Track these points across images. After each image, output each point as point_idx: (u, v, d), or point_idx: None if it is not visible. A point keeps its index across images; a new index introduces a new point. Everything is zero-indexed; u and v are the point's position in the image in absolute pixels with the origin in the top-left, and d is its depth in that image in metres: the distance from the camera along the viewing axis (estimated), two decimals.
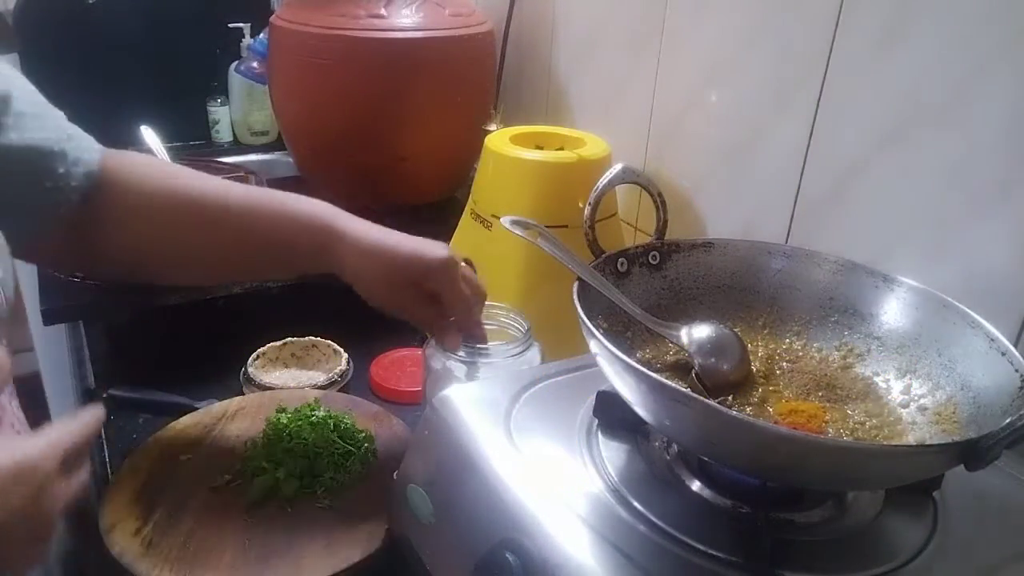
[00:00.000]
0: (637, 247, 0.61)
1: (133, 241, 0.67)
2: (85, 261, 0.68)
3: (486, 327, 0.75)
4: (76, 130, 0.64)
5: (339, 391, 0.88)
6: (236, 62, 1.48)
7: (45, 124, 0.61)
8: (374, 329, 1.01)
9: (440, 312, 0.69)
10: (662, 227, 0.63)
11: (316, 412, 0.76)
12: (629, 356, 0.45)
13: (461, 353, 0.70)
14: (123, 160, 0.67)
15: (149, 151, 1.11)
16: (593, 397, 0.56)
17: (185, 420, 0.79)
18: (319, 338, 0.96)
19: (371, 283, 0.68)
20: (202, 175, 0.70)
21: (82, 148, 0.64)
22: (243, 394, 0.86)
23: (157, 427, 0.79)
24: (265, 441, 0.73)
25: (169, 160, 1.06)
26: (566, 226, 0.81)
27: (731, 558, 0.45)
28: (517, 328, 0.73)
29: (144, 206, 0.66)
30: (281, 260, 0.71)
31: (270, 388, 0.87)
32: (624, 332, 0.59)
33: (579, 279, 0.54)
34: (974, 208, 0.60)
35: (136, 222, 0.66)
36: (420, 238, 0.69)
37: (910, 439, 0.51)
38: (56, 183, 0.61)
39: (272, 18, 1.08)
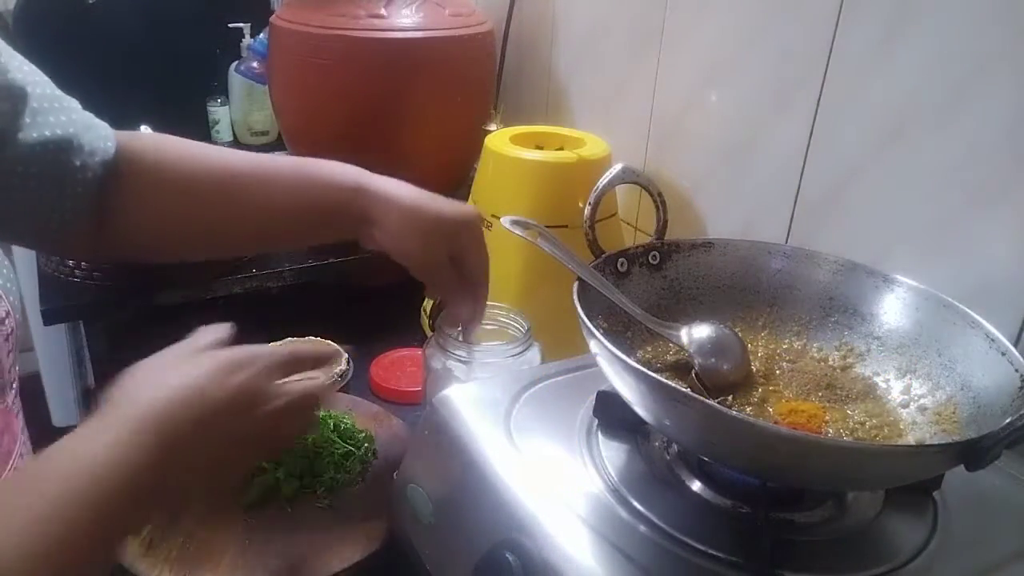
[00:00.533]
0: (637, 247, 0.61)
1: (151, 221, 0.67)
2: (103, 246, 0.68)
3: (486, 327, 0.75)
4: (91, 119, 0.64)
5: (339, 391, 0.88)
6: (236, 62, 1.48)
7: (60, 118, 0.61)
8: (374, 329, 1.01)
9: (459, 277, 0.68)
10: (662, 227, 0.63)
11: (316, 412, 0.76)
12: (629, 356, 0.45)
13: (461, 353, 0.70)
14: (136, 142, 0.66)
15: None
16: (593, 397, 0.56)
17: None
18: (319, 338, 0.96)
19: (406, 241, 0.66)
20: (218, 148, 0.69)
21: (99, 137, 0.63)
22: None
23: None
24: None
25: None
26: (566, 226, 0.81)
27: (731, 558, 0.45)
28: (517, 328, 0.73)
29: (160, 185, 0.66)
30: (307, 224, 0.69)
31: None
32: (624, 332, 0.59)
33: (579, 279, 0.54)
34: (974, 208, 0.60)
35: (153, 201, 0.66)
36: (446, 198, 0.68)
37: (910, 439, 0.51)
38: (74, 176, 0.61)
39: (272, 18, 1.08)
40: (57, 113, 0.61)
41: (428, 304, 0.96)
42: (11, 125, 0.57)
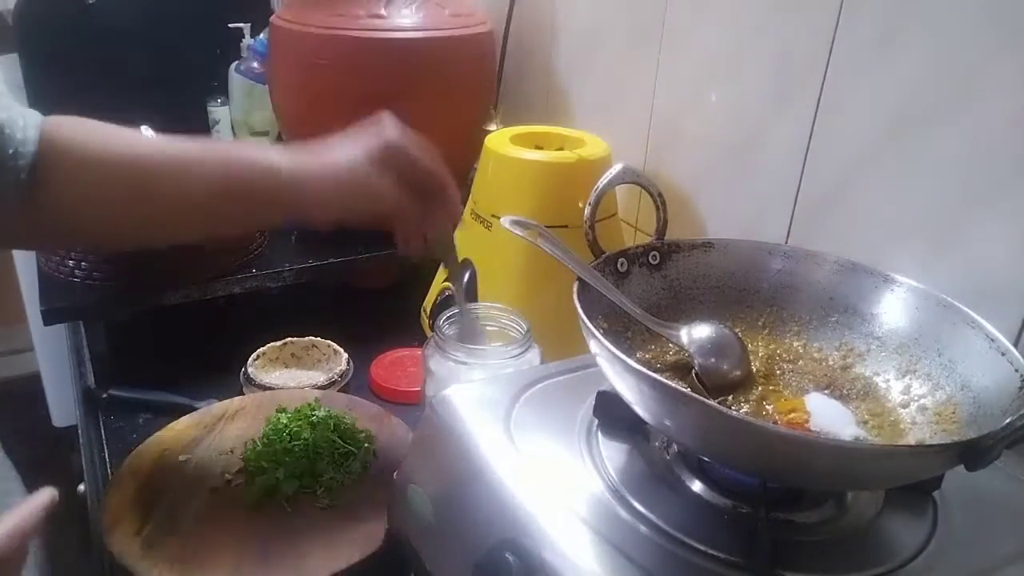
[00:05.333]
0: (637, 247, 0.61)
1: (79, 207, 0.65)
2: (29, 233, 0.66)
3: (487, 328, 0.75)
4: (10, 104, 0.61)
5: (339, 391, 0.88)
6: (236, 62, 1.48)
7: None
8: (374, 329, 1.01)
9: (417, 194, 0.67)
10: (662, 227, 0.63)
11: (316, 412, 0.76)
12: (629, 356, 0.45)
13: (460, 354, 0.70)
14: (64, 129, 0.64)
15: None
16: (593, 397, 0.56)
17: (185, 420, 0.80)
18: (319, 338, 0.96)
19: (326, 214, 0.66)
20: (138, 132, 0.68)
21: (28, 125, 0.61)
22: (243, 394, 0.87)
23: (157, 427, 0.79)
24: (265, 441, 0.73)
25: None
26: (566, 226, 0.81)
27: (731, 558, 0.45)
28: (517, 329, 0.73)
29: (88, 171, 0.64)
30: (227, 212, 0.68)
31: (270, 388, 0.87)
32: (624, 332, 0.59)
33: (579, 279, 0.54)
34: (974, 208, 0.60)
35: (82, 188, 0.64)
36: (358, 149, 0.66)
37: (910, 439, 0.51)
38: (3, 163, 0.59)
39: (272, 18, 1.08)
40: None
41: (428, 304, 0.96)
42: None
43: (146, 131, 1.16)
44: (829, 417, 0.52)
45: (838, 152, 0.70)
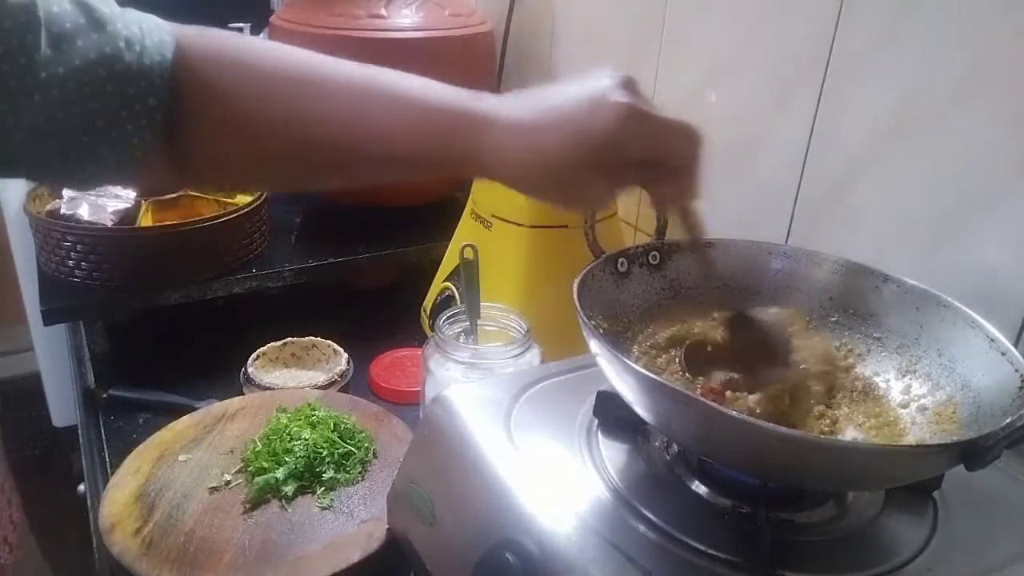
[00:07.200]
0: (637, 247, 0.61)
1: (225, 134, 0.55)
2: (187, 172, 0.57)
3: (486, 328, 0.75)
4: (139, 22, 0.52)
5: (339, 391, 0.88)
6: None
7: (92, 37, 0.48)
8: (374, 329, 1.01)
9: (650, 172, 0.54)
10: (662, 227, 0.63)
11: (316, 412, 0.76)
12: (629, 356, 0.45)
13: (460, 354, 0.70)
14: (204, 47, 0.54)
15: None
16: (593, 397, 0.56)
17: (185, 420, 0.80)
18: (319, 338, 0.96)
19: (530, 179, 0.52)
20: (298, 50, 0.57)
21: (153, 48, 0.51)
22: (243, 394, 0.87)
23: (157, 427, 0.79)
24: (265, 441, 0.73)
25: None
26: (566, 226, 0.81)
27: (731, 558, 0.45)
28: (517, 329, 0.73)
29: (234, 91, 0.54)
30: (404, 155, 0.56)
31: (270, 388, 0.87)
32: (624, 332, 0.59)
33: (580, 279, 0.54)
34: (974, 207, 0.60)
35: (226, 111, 0.54)
36: (580, 89, 0.54)
37: (910, 439, 0.51)
38: (124, 99, 0.50)
39: (272, 18, 1.08)
40: (87, 33, 0.48)
41: (428, 304, 0.96)
42: (26, 64, 0.45)
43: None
44: None
45: (838, 152, 0.70)
